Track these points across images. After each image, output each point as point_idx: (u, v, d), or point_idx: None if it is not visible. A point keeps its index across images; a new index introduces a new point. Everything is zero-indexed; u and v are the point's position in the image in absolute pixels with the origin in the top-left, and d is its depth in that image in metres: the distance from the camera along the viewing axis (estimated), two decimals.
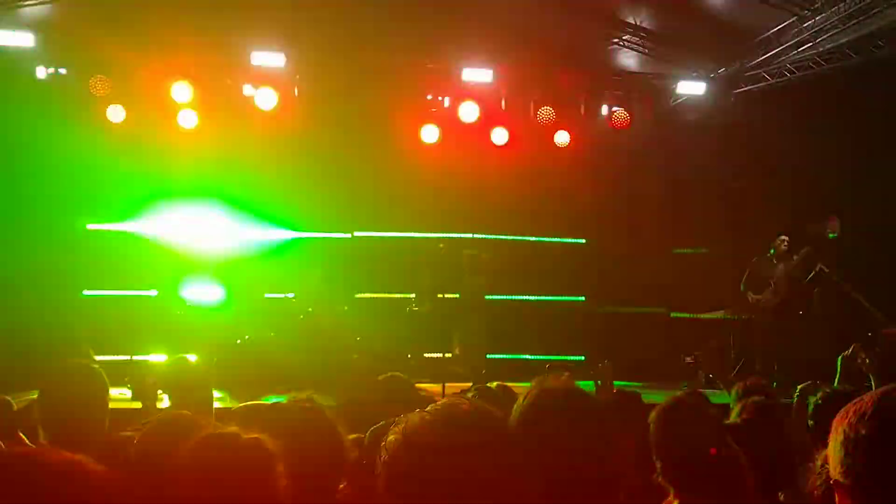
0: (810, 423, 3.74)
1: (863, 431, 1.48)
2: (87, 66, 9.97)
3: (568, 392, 2.20)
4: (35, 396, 3.13)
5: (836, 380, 4.94)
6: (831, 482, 1.58)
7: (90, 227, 10.73)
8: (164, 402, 4.13)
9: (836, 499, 1.56)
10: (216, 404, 3.90)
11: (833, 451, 1.56)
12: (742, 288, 10.12)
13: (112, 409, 3.21)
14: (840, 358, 5.05)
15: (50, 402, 3.02)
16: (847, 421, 1.54)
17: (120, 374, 7.87)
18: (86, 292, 10.58)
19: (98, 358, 6.45)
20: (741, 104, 11.09)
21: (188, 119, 10.44)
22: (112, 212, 10.73)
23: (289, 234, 11.40)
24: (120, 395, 7.67)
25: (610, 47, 10.98)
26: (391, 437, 1.50)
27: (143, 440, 2.47)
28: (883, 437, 1.47)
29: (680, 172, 11.41)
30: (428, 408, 1.52)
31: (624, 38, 10.74)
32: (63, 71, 10.09)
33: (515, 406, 2.13)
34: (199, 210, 10.84)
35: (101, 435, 3.01)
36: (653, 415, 3.03)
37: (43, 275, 9.56)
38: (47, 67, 10.08)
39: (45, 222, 10.02)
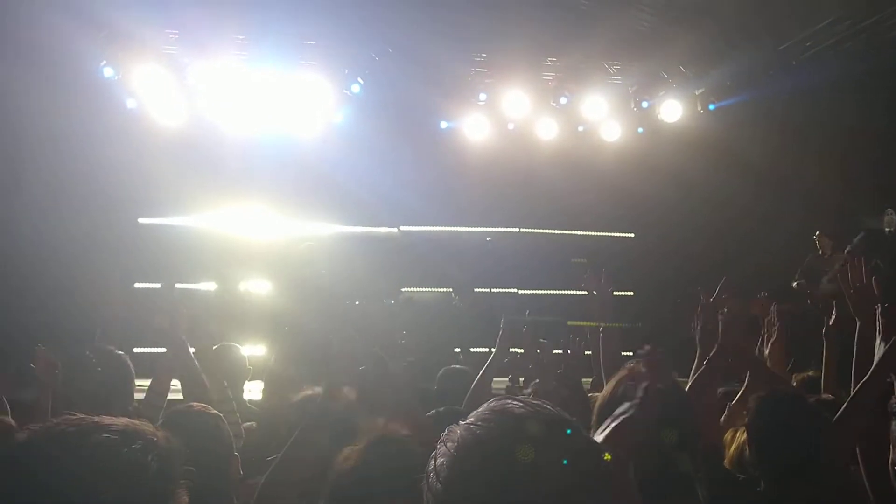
0: None
1: None
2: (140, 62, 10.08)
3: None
4: None
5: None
6: None
7: (142, 221, 10.90)
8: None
9: None
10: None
11: None
12: (795, 282, 9.74)
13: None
14: None
15: (72, 389, 3.03)
16: None
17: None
18: (137, 285, 10.72)
19: (147, 350, 6.35)
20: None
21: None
22: (164, 206, 10.88)
23: (335, 228, 11.47)
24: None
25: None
26: (440, 461, 1.20)
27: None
28: None
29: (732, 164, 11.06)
30: (470, 418, 1.23)
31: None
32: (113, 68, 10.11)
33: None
34: (249, 204, 10.97)
35: None
36: (751, 404, 2.86)
37: (94, 269, 9.67)
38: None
39: (96, 217, 10.15)
